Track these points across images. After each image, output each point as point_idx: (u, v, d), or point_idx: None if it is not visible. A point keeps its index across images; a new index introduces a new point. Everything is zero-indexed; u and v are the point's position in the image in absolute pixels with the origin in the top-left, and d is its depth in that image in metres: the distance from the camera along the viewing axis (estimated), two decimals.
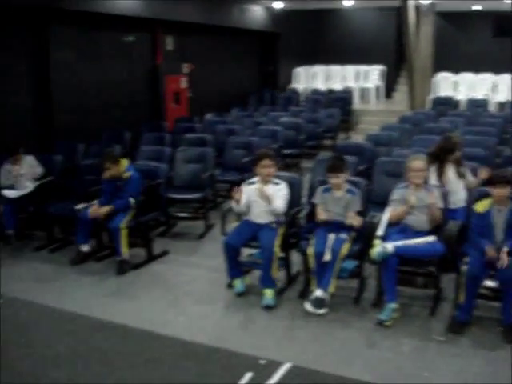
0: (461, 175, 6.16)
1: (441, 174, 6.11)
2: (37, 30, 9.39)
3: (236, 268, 5.76)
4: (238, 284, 5.75)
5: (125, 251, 6.36)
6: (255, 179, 5.91)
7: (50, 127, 9.63)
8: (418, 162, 5.47)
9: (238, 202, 5.75)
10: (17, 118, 8.53)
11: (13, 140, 7.55)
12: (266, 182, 5.79)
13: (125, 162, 6.68)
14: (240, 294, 5.71)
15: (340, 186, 5.63)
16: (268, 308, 5.45)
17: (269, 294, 5.55)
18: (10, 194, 7.11)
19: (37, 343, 4.83)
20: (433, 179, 5.96)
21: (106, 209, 6.43)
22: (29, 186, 7.25)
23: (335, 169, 5.63)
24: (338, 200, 5.62)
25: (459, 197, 6.07)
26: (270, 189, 5.72)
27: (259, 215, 5.77)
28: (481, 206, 5.12)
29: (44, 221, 7.26)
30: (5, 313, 5.39)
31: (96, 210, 6.46)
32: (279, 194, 5.72)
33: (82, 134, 9.54)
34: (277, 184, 5.79)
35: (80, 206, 6.80)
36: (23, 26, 9.19)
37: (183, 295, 5.81)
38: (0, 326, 5.09)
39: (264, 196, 5.65)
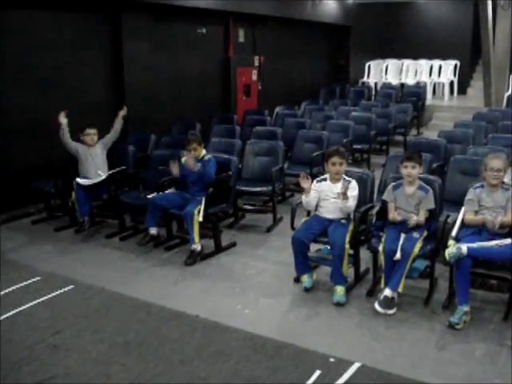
0: None
1: None
2: (110, 20, 9.55)
3: (304, 263, 5.72)
4: (306, 279, 5.73)
5: (197, 239, 6.42)
6: (326, 176, 5.87)
7: (124, 118, 9.80)
8: (497, 161, 5.28)
9: (307, 192, 5.71)
10: (92, 109, 8.71)
11: None
12: (335, 179, 5.74)
13: (203, 150, 6.87)
14: (307, 290, 5.69)
15: (413, 179, 5.53)
16: (339, 305, 5.41)
17: (339, 290, 5.51)
18: (83, 181, 7.29)
19: (107, 329, 4.93)
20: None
21: (194, 162, 6.56)
22: (101, 175, 7.41)
23: (412, 157, 5.54)
24: (408, 197, 5.52)
25: None
26: (339, 187, 5.67)
27: (330, 211, 5.73)
28: None
29: (116, 209, 7.43)
30: (77, 298, 5.55)
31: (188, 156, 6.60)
32: (353, 194, 5.66)
33: (153, 125, 9.70)
34: (349, 182, 5.72)
35: (151, 196, 6.93)
36: (98, 16, 9.38)
37: (250, 288, 5.82)
38: (71, 311, 5.24)
39: (344, 195, 5.58)
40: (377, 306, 5.23)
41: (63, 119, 7.59)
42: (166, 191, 6.85)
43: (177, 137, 8.94)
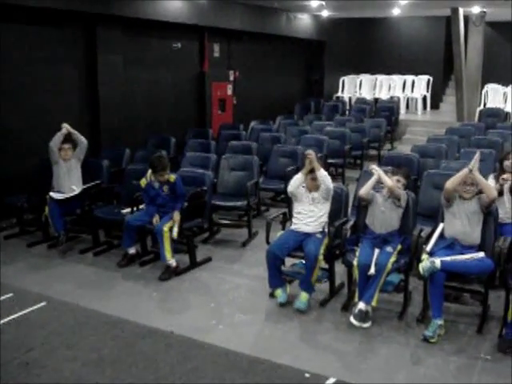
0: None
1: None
2: (85, 34, 9.53)
3: (277, 277, 5.73)
4: (280, 294, 5.72)
5: (168, 256, 6.39)
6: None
7: (98, 132, 9.76)
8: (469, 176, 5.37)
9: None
10: (66, 122, 8.67)
11: None
12: (311, 189, 5.83)
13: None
14: (283, 305, 5.66)
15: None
16: (299, 311, 5.49)
17: (303, 297, 5.59)
18: (57, 196, 7.21)
19: (81, 346, 4.87)
20: None
21: (176, 220, 6.45)
22: (75, 189, 7.34)
23: (408, 176, 5.79)
24: (386, 200, 5.62)
25: (507, 212, 5.98)
26: (314, 194, 5.81)
27: (307, 224, 5.74)
28: None
29: (90, 224, 7.36)
30: (50, 315, 5.48)
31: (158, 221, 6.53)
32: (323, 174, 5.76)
33: (128, 139, 9.67)
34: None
35: (125, 211, 6.90)
36: (72, 30, 9.35)
37: (225, 303, 5.80)
38: (45, 328, 5.16)
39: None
40: (352, 319, 5.25)
41: (67, 126, 7.50)
42: (140, 206, 6.81)
43: (151, 151, 8.89)
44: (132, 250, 6.74)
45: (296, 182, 5.84)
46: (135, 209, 6.85)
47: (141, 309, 5.64)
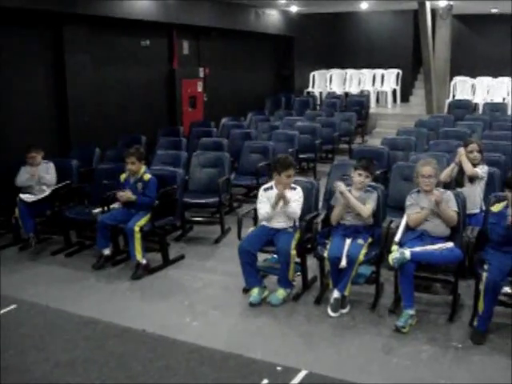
0: (473, 180, 6.21)
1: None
2: (52, 34, 9.45)
3: (253, 275, 5.69)
4: (255, 293, 5.64)
5: (138, 255, 6.36)
6: (271, 184, 5.88)
7: (67, 132, 9.68)
8: (427, 169, 5.41)
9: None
10: (35, 123, 8.58)
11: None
12: (282, 188, 5.75)
13: (144, 165, 6.78)
14: (252, 305, 5.58)
15: (363, 187, 5.63)
16: (272, 305, 5.52)
17: (280, 293, 5.62)
18: (26, 197, 7.14)
19: (53, 348, 4.83)
20: None
21: (128, 195, 6.50)
22: (45, 190, 7.27)
23: (366, 167, 5.66)
24: (356, 200, 5.59)
25: (474, 202, 6.07)
26: (288, 193, 5.70)
27: (276, 220, 5.75)
28: (496, 207, 5.13)
29: (61, 225, 7.29)
30: (21, 317, 5.42)
31: (123, 194, 6.53)
32: (296, 197, 5.71)
33: (98, 139, 9.60)
34: (294, 189, 5.77)
35: (96, 211, 6.84)
36: (38, 30, 9.26)
37: (199, 300, 5.79)
38: (16, 331, 5.11)
39: (284, 199, 5.61)
40: (329, 311, 5.32)
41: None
42: (111, 205, 6.77)
43: (122, 150, 8.82)
44: (107, 251, 6.67)
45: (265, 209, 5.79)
46: (106, 208, 6.80)
47: (113, 308, 5.61)
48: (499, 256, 4.92)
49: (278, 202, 5.65)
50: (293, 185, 5.82)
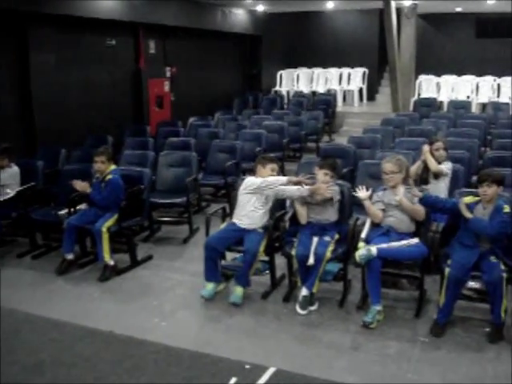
0: (437, 176, 6.32)
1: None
2: (15, 33, 9.33)
3: (213, 270, 5.68)
4: (209, 288, 5.64)
5: (106, 256, 6.31)
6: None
7: (33, 132, 9.57)
8: (387, 165, 5.48)
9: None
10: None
11: None
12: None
13: (112, 166, 6.71)
14: (204, 298, 5.61)
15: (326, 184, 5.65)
16: (235, 305, 5.53)
17: (239, 291, 5.61)
18: None
19: (20, 351, 4.77)
20: None
21: (83, 185, 6.49)
22: (10, 192, 7.17)
23: (330, 166, 5.69)
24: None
25: None
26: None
27: (246, 220, 5.75)
28: (468, 199, 5.18)
29: (26, 227, 7.20)
30: None
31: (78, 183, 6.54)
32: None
33: (64, 139, 9.49)
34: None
35: (62, 212, 6.77)
36: (2, 29, 9.13)
37: (167, 300, 5.77)
38: None
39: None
40: (298, 308, 5.34)
41: None
42: (78, 207, 6.71)
43: (88, 150, 8.75)
44: (70, 256, 6.56)
45: None
46: (72, 210, 6.73)
47: (81, 310, 5.55)
48: (463, 251, 5.00)
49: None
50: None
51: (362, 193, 5.54)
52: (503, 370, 4.41)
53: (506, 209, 4.98)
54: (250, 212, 5.76)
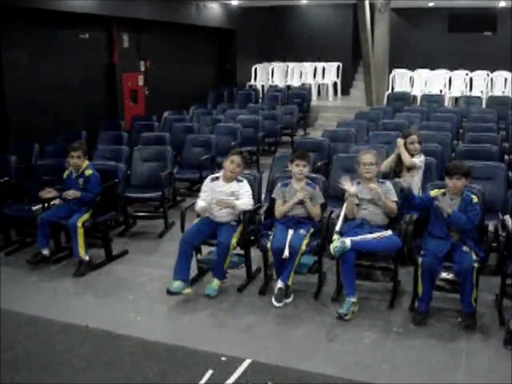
0: (411, 169, 6.39)
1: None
2: None
3: (182, 269, 5.56)
4: (176, 285, 5.47)
5: (81, 251, 6.28)
6: (219, 175, 5.89)
7: (5, 127, 9.47)
8: (367, 156, 5.54)
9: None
10: None
11: None
12: (228, 178, 5.77)
13: (87, 161, 6.67)
14: (169, 292, 5.47)
15: (302, 176, 5.67)
16: (209, 297, 5.55)
17: (215, 284, 5.65)
18: None
19: None
20: None
21: (72, 192, 6.38)
22: None
23: (305, 156, 5.70)
24: (296, 195, 5.64)
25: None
26: (233, 186, 5.73)
27: (220, 213, 5.76)
28: (435, 192, 5.28)
29: (0, 223, 7.13)
30: None
31: (45, 192, 6.46)
32: (242, 191, 5.73)
33: (38, 134, 9.40)
34: (240, 181, 5.80)
35: (36, 207, 6.71)
36: None
37: (143, 295, 5.76)
38: None
39: (226, 203, 5.64)
40: (274, 301, 5.37)
41: None
42: (52, 202, 6.66)
43: (62, 145, 8.68)
44: (45, 251, 6.49)
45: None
46: (46, 205, 6.68)
47: (56, 306, 5.53)
48: (435, 242, 5.09)
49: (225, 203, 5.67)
50: (240, 177, 5.85)
51: (350, 187, 5.46)
52: (476, 359, 4.49)
53: (475, 199, 5.13)
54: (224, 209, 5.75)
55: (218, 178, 5.88)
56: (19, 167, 7.69)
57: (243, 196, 5.72)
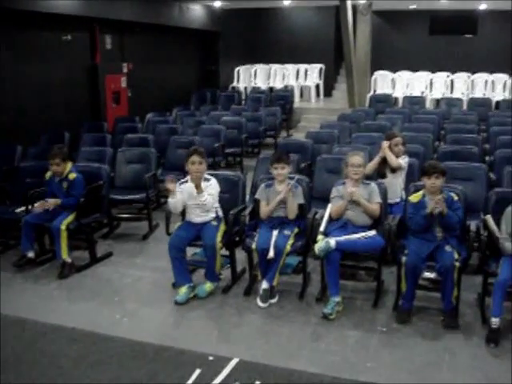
0: (395, 170, 6.46)
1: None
2: None
3: (183, 273, 5.65)
4: (182, 293, 5.57)
5: (64, 254, 6.25)
6: (187, 178, 5.87)
7: None
8: (356, 158, 5.59)
9: (173, 194, 5.63)
10: None
11: None
12: (195, 178, 5.70)
13: (69, 163, 6.63)
14: (177, 303, 5.50)
15: (283, 178, 5.71)
16: (199, 298, 5.57)
17: (208, 287, 5.67)
18: None
19: None
20: None
21: (53, 201, 6.35)
22: None
23: (281, 159, 5.72)
24: (279, 194, 5.68)
25: (395, 192, 6.30)
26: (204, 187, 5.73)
27: (197, 215, 5.77)
28: (414, 197, 5.34)
29: None
30: None
31: (42, 204, 6.37)
32: (208, 190, 5.70)
33: (20, 136, 9.36)
34: (207, 180, 5.79)
35: (20, 210, 6.69)
36: None
37: (129, 296, 5.77)
38: None
39: (198, 189, 5.62)
40: (259, 302, 5.41)
41: None
42: (35, 204, 6.63)
43: (45, 147, 8.65)
44: (31, 254, 6.46)
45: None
46: (30, 207, 6.66)
47: (41, 307, 5.52)
48: (417, 242, 5.16)
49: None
50: (207, 176, 5.83)
51: (351, 187, 5.49)
52: (459, 356, 4.56)
53: (456, 197, 5.25)
54: (199, 208, 5.74)
55: (186, 181, 5.83)
56: (2, 169, 7.66)
57: (206, 194, 5.64)
